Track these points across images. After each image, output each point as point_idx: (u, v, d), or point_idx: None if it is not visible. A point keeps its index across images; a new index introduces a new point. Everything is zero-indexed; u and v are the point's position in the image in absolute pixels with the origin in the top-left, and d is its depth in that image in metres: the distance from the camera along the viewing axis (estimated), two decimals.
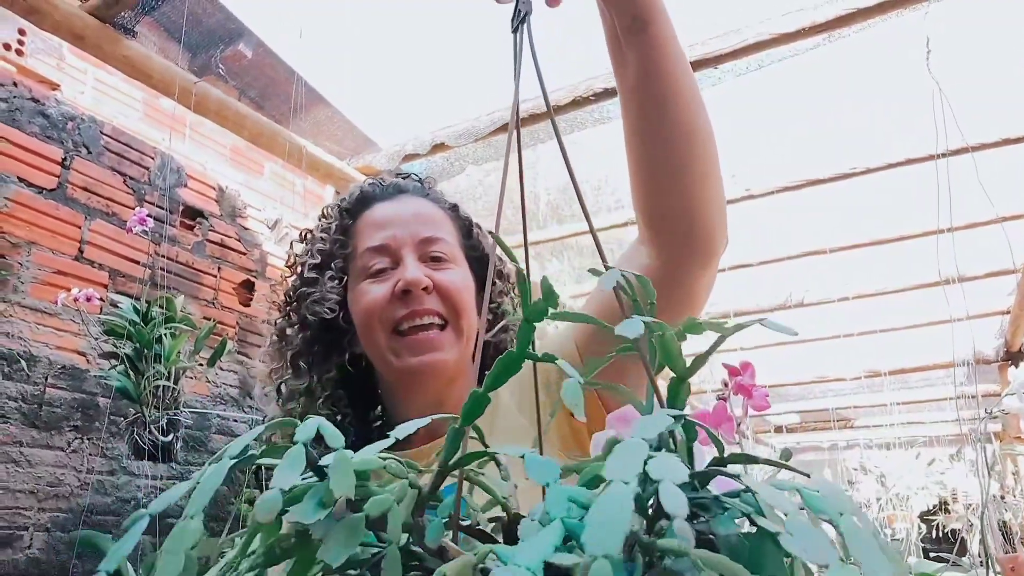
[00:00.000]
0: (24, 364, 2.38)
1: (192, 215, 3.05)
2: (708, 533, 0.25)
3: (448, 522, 0.29)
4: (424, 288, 0.83)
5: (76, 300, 2.14)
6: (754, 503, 0.25)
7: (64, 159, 2.61)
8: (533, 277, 0.40)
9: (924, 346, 4.15)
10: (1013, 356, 4.23)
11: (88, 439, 2.52)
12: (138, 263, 2.77)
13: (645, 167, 0.76)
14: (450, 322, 0.85)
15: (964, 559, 3.47)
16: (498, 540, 0.30)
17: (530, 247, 0.42)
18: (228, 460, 0.29)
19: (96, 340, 2.52)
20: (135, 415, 2.05)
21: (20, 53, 2.72)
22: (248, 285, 3.23)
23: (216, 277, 3.10)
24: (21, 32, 2.71)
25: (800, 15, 1.90)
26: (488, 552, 0.25)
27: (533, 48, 0.47)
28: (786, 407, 5.48)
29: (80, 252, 2.62)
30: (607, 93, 2.07)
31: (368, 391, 0.94)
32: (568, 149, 0.48)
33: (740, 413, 0.51)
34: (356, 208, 0.93)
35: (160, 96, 2.20)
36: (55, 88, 2.80)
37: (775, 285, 3.73)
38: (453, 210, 0.95)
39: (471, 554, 0.25)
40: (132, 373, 2.09)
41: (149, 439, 2.03)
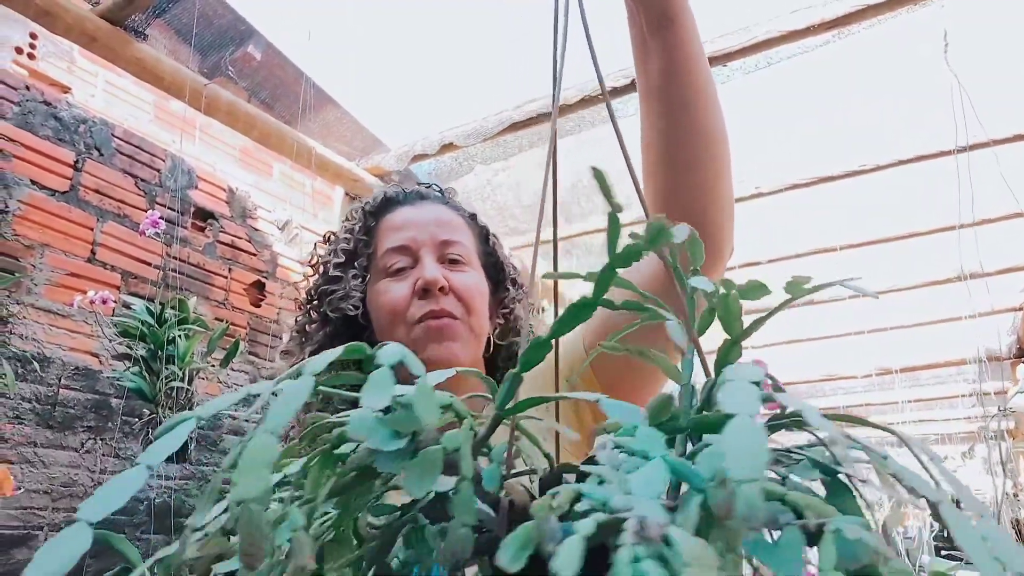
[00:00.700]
0: (38, 365, 2.40)
1: (203, 216, 3.07)
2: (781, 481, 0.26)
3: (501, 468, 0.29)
4: (440, 288, 0.87)
5: (92, 303, 2.16)
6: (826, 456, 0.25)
7: (76, 161, 2.64)
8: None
9: (935, 343, 4.13)
10: None
11: (101, 439, 2.55)
12: (150, 265, 2.79)
13: (662, 167, 0.77)
14: (462, 322, 0.88)
15: None
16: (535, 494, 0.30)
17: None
18: (310, 377, 0.26)
19: (110, 341, 2.54)
20: (150, 416, 2.07)
21: (32, 56, 2.75)
22: (259, 286, 3.25)
23: (227, 278, 3.12)
24: (32, 36, 2.73)
25: (809, 12, 1.90)
26: (577, 493, 0.24)
27: (586, 25, 0.46)
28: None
29: (93, 254, 2.64)
30: (616, 92, 2.08)
31: None
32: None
33: None
34: (379, 211, 0.97)
35: (170, 98, 2.21)
36: (66, 91, 2.82)
37: (784, 283, 3.71)
38: (472, 218, 1.00)
39: (559, 492, 0.24)
40: (146, 374, 2.11)
41: None
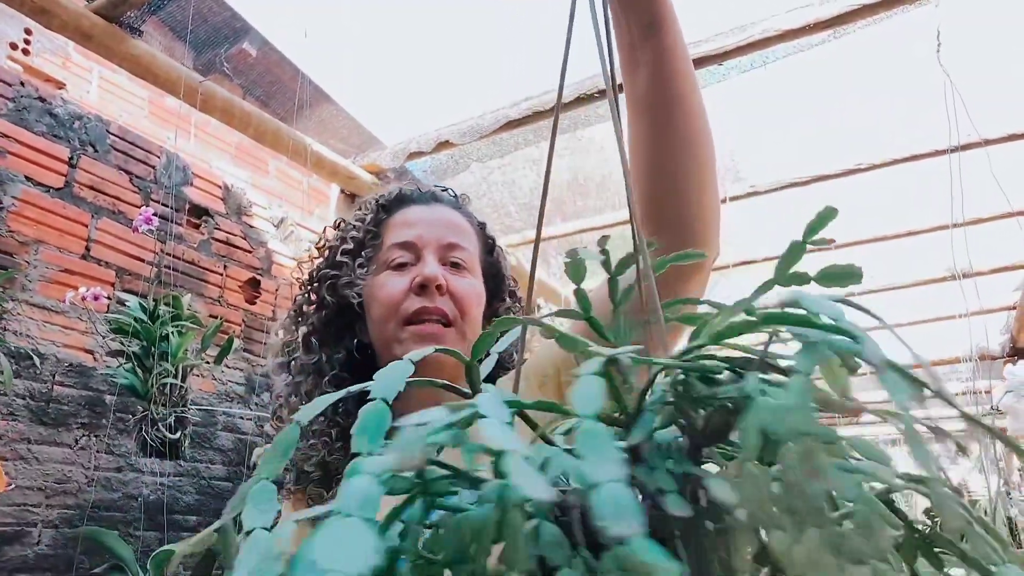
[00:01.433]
0: (32, 362, 2.39)
1: (198, 213, 3.06)
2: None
3: None
4: (438, 287, 0.88)
5: (84, 299, 2.15)
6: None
7: (71, 158, 2.63)
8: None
9: (929, 342, 4.15)
10: (1019, 352, 4.22)
11: (95, 436, 2.54)
12: (144, 261, 2.78)
13: (649, 172, 0.77)
14: (455, 325, 0.89)
15: None
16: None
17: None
18: (296, 426, 0.30)
19: (104, 338, 2.53)
20: (143, 412, 2.06)
21: (27, 52, 2.73)
22: (254, 283, 3.24)
23: (222, 275, 3.11)
24: (27, 32, 2.72)
25: (806, 11, 1.90)
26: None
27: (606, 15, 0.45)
28: None
29: (87, 250, 2.64)
30: (604, 94, 2.07)
31: (368, 380, 0.97)
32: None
33: None
34: (392, 205, 0.99)
35: (165, 95, 2.20)
36: (61, 87, 2.81)
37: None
38: (481, 227, 1.01)
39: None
40: (140, 371, 2.11)
41: (157, 436, 2.04)
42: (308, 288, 0.98)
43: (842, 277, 0.29)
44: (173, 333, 2.14)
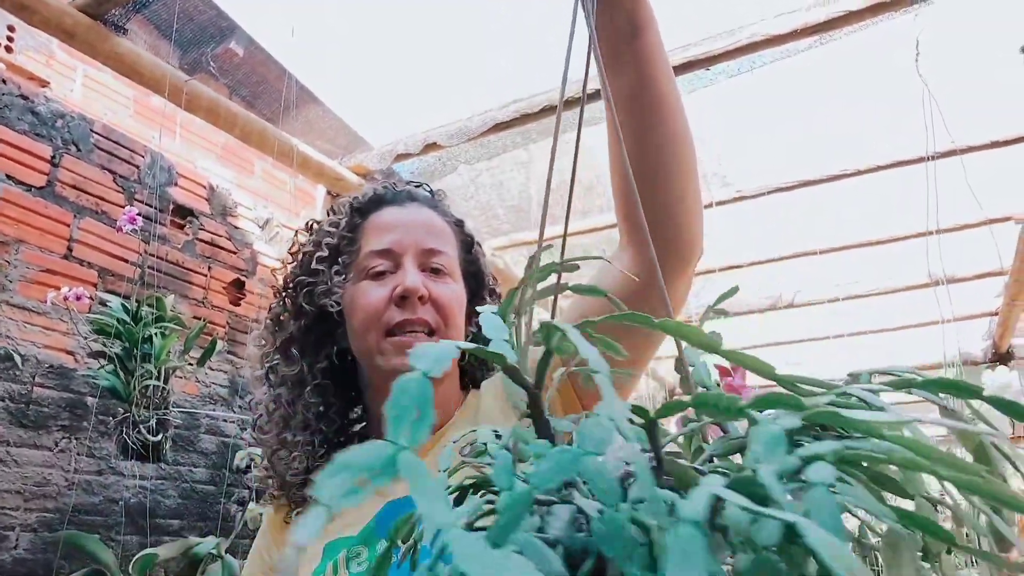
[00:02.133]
0: (12, 363, 2.36)
1: (182, 214, 3.03)
2: None
3: None
4: (420, 297, 0.87)
5: (65, 299, 2.12)
6: None
7: (53, 157, 2.60)
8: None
9: (913, 347, 4.18)
10: (1001, 357, 4.26)
11: (76, 439, 2.51)
12: (128, 262, 2.76)
13: (633, 172, 0.78)
14: (439, 333, 0.88)
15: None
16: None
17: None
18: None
19: (85, 339, 2.50)
20: (124, 414, 2.03)
21: (9, 50, 2.70)
22: (238, 284, 3.22)
23: (206, 276, 3.08)
24: (10, 28, 2.69)
25: (793, 16, 1.91)
26: None
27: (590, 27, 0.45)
28: None
29: (69, 250, 2.61)
30: (599, 94, 2.08)
31: (349, 387, 0.97)
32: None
33: None
34: (367, 208, 0.96)
35: (150, 94, 2.18)
36: (44, 85, 2.78)
37: (765, 286, 3.74)
38: (458, 225, 0.99)
39: None
40: (121, 372, 2.08)
41: (138, 439, 2.01)
42: (284, 296, 0.96)
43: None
44: (156, 334, 2.12)
